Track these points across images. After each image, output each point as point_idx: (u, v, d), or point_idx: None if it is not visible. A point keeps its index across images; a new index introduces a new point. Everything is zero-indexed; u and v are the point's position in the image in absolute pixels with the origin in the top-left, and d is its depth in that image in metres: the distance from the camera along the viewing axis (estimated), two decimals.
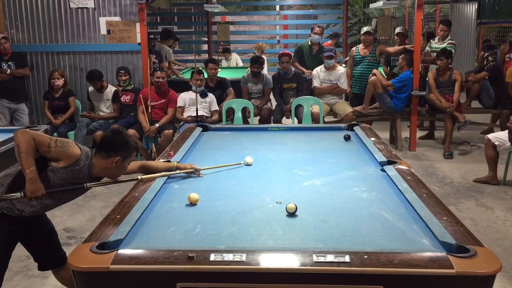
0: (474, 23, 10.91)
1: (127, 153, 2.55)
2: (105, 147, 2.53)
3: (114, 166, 2.53)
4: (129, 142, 2.56)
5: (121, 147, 2.53)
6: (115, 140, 2.54)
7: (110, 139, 2.55)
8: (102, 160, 2.52)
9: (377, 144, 3.61)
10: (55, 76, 6.07)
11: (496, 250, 3.28)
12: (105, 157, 2.52)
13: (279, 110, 6.61)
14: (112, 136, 2.57)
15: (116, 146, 2.52)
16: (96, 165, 2.52)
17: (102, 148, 2.54)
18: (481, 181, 5.34)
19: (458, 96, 6.52)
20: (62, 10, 6.57)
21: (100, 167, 2.53)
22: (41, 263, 2.83)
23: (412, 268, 1.79)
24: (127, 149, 2.55)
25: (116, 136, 2.56)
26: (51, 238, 2.80)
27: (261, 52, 9.25)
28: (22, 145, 2.36)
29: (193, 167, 3.01)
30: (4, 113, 6.33)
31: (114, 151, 2.51)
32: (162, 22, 12.53)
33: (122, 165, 2.55)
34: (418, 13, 6.51)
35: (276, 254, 1.89)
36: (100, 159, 2.53)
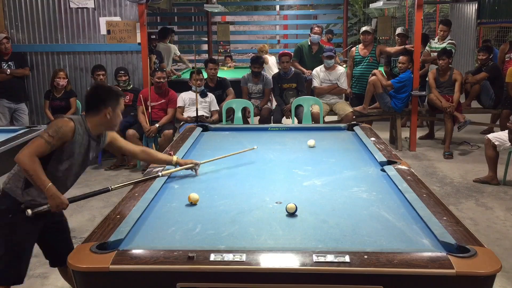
0: (474, 23, 10.91)
1: (115, 101, 2.62)
2: (93, 104, 2.60)
3: (109, 118, 2.60)
4: (112, 90, 2.66)
5: (107, 98, 2.60)
6: (98, 93, 2.62)
7: (93, 94, 2.63)
8: (94, 118, 2.59)
9: (377, 144, 3.61)
10: (60, 76, 6.08)
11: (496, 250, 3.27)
12: (97, 114, 2.59)
13: (279, 110, 6.61)
14: (94, 91, 2.66)
15: (102, 99, 2.59)
16: (91, 126, 2.59)
17: (90, 107, 2.61)
18: (481, 181, 5.34)
19: (458, 96, 6.52)
20: (62, 10, 6.57)
21: (96, 125, 2.60)
22: (53, 258, 2.85)
23: (412, 268, 1.79)
24: (113, 97, 2.62)
25: (98, 90, 2.65)
26: (65, 230, 2.85)
27: (265, 53, 9.25)
28: (28, 167, 2.38)
29: (193, 162, 3.04)
30: (4, 113, 6.33)
31: (103, 104, 2.57)
32: (162, 22, 12.52)
33: (115, 114, 2.62)
34: (418, 13, 6.51)
35: (276, 254, 1.89)
36: (92, 118, 2.60)
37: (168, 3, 11.64)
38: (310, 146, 3.70)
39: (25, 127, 4.69)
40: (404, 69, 6.55)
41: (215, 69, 6.58)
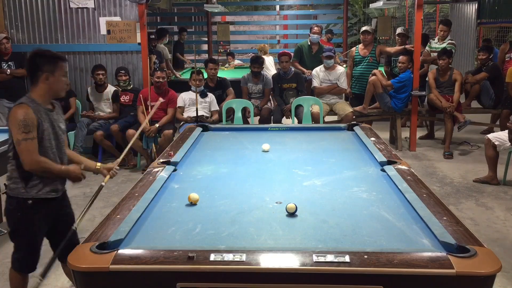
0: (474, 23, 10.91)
1: (51, 65, 2.56)
2: (31, 73, 2.57)
3: (48, 84, 2.56)
4: (46, 54, 2.57)
5: (41, 63, 2.54)
6: (32, 61, 2.56)
7: (29, 63, 2.58)
8: (36, 88, 2.57)
9: (377, 144, 3.61)
10: None
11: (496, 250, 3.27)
12: (36, 82, 2.56)
13: (279, 110, 6.61)
14: (29, 59, 2.59)
15: (37, 65, 2.54)
16: (37, 97, 2.56)
17: (30, 77, 2.59)
18: (481, 181, 5.34)
19: (458, 96, 6.52)
20: (62, 10, 6.57)
21: (40, 94, 2.57)
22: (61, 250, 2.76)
23: (412, 268, 1.79)
24: (48, 61, 2.56)
25: (32, 57, 2.57)
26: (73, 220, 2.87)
27: (264, 53, 9.26)
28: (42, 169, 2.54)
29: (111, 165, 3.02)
30: (4, 113, 6.33)
31: (39, 70, 2.54)
32: (162, 22, 12.53)
33: (55, 78, 2.57)
34: (418, 13, 6.51)
35: (276, 254, 1.89)
36: (35, 88, 2.57)
37: (168, 3, 11.65)
38: (264, 151, 3.53)
39: None
40: (404, 69, 6.55)
41: (215, 69, 6.58)
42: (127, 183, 5.39)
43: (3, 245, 3.97)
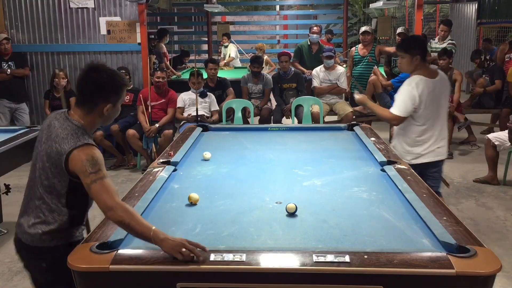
0: (474, 23, 10.91)
1: (117, 95, 2.11)
2: (89, 96, 2.07)
3: (107, 114, 2.12)
4: (116, 77, 2.10)
5: (108, 90, 2.07)
6: (98, 83, 2.05)
7: (92, 83, 2.05)
8: (88, 115, 2.09)
9: (377, 144, 3.61)
10: (61, 76, 6.08)
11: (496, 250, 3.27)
12: (92, 110, 2.09)
13: (279, 110, 6.61)
14: (92, 79, 2.05)
15: (102, 91, 2.06)
16: (89, 127, 2.11)
17: (85, 100, 2.08)
18: (481, 181, 5.34)
19: (458, 96, 6.52)
20: (62, 10, 6.57)
21: (89, 123, 2.11)
22: None
23: (412, 268, 1.79)
24: (116, 89, 2.10)
25: (97, 78, 2.05)
26: None
27: (262, 52, 9.27)
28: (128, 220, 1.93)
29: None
30: (5, 113, 6.33)
31: (102, 98, 2.07)
32: (162, 22, 12.54)
33: (115, 109, 2.14)
34: (418, 13, 6.52)
35: (276, 254, 1.89)
36: (85, 114, 2.09)
37: (168, 3, 11.64)
38: (206, 159, 3.34)
39: (25, 127, 4.69)
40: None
41: (215, 69, 6.58)
42: (127, 183, 5.40)
43: (3, 245, 3.97)
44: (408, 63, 3.56)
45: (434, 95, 3.53)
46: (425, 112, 3.52)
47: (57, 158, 2.03)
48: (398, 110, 3.53)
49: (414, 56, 3.52)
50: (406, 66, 3.59)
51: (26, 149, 4.27)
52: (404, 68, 3.65)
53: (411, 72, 3.60)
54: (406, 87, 3.53)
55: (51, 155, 2.05)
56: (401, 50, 3.61)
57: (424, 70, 3.57)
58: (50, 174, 2.07)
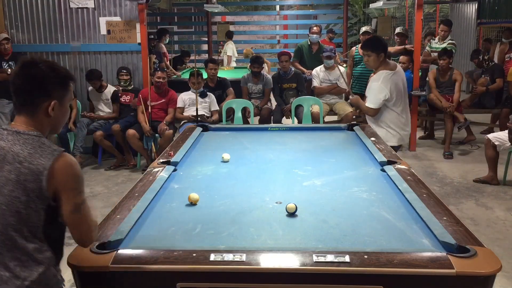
0: (474, 23, 10.91)
1: (63, 89, 1.78)
2: (28, 95, 1.73)
3: (55, 116, 1.77)
4: (58, 69, 1.77)
5: (51, 82, 1.74)
6: (36, 76, 1.71)
7: (28, 78, 1.71)
8: (34, 119, 1.74)
9: (377, 144, 3.61)
10: None
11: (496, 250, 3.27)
12: (34, 112, 1.74)
13: (279, 110, 6.61)
14: (28, 72, 1.72)
15: (42, 85, 1.72)
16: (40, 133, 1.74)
17: (25, 101, 1.74)
18: (481, 181, 5.34)
19: (458, 96, 6.53)
20: (62, 10, 6.57)
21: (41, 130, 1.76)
22: None
23: (412, 268, 1.79)
24: (60, 81, 1.77)
25: (38, 69, 1.72)
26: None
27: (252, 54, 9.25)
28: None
29: None
30: (5, 113, 6.33)
31: (43, 94, 1.73)
32: (162, 22, 12.54)
33: (63, 109, 1.81)
34: (418, 13, 6.51)
35: (276, 254, 1.89)
36: (28, 118, 1.74)
37: (168, 3, 11.65)
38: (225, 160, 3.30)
39: None
40: (404, 69, 6.55)
41: (215, 69, 6.58)
42: (127, 183, 5.40)
43: None
44: (375, 60, 4.11)
45: (398, 84, 4.14)
46: (396, 99, 4.13)
47: (32, 180, 1.65)
48: (371, 103, 4.15)
49: (379, 54, 4.09)
50: (373, 63, 4.14)
51: None
52: (371, 65, 4.17)
53: (376, 68, 4.14)
54: (375, 82, 4.11)
55: (20, 180, 1.65)
56: (368, 49, 4.13)
57: (386, 65, 4.16)
58: (20, 206, 1.66)
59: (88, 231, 1.77)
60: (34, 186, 1.66)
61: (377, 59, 4.11)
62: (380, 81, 4.08)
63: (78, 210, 1.71)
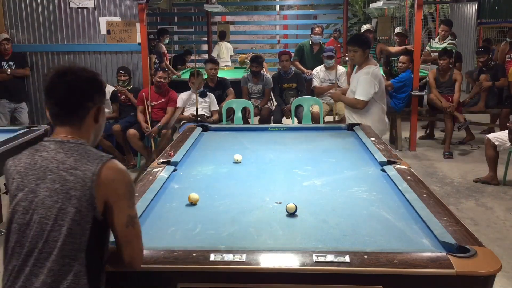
0: (474, 23, 10.91)
1: (103, 94, 1.76)
2: (73, 106, 1.65)
3: (100, 123, 1.75)
4: (96, 75, 1.73)
5: (95, 89, 1.70)
6: (80, 84, 1.65)
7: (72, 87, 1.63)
8: (83, 128, 1.68)
9: (377, 144, 3.61)
10: None
11: (496, 250, 3.27)
12: (82, 120, 1.67)
13: (279, 110, 6.61)
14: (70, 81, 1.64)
15: (87, 93, 1.67)
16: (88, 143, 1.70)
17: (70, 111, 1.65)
18: (481, 181, 5.34)
19: (458, 96, 6.53)
20: (62, 10, 6.57)
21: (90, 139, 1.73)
22: None
23: (412, 268, 1.79)
24: (101, 87, 1.74)
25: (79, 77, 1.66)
26: None
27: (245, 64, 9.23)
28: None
29: None
30: (5, 113, 6.33)
31: (90, 101, 1.68)
32: (162, 22, 12.54)
33: (104, 114, 1.78)
34: (418, 13, 6.51)
35: (276, 254, 1.89)
36: (78, 131, 1.67)
37: (168, 3, 11.66)
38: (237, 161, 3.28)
39: (25, 127, 4.69)
40: (404, 69, 6.56)
41: (215, 69, 6.58)
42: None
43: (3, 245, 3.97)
44: (361, 56, 4.31)
45: (381, 79, 4.42)
46: (382, 93, 4.41)
47: (79, 188, 1.53)
48: (362, 96, 4.30)
49: (365, 50, 4.31)
50: (359, 58, 4.33)
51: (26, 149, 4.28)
52: (357, 60, 4.36)
53: (361, 63, 4.35)
54: (365, 76, 4.28)
55: (64, 189, 1.54)
56: (355, 45, 4.31)
57: (370, 61, 4.40)
58: (64, 219, 1.52)
59: (140, 249, 1.62)
60: (80, 194, 1.52)
61: (363, 54, 4.31)
62: (370, 75, 4.26)
63: (132, 224, 1.58)
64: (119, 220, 1.56)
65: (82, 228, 1.53)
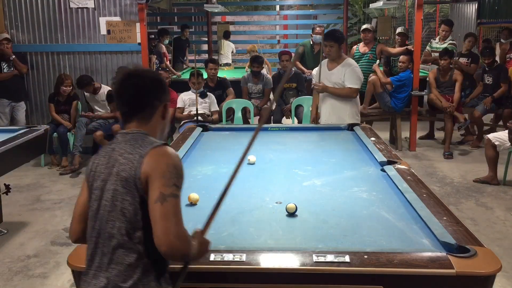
0: (474, 23, 10.90)
1: (167, 93, 1.81)
2: (142, 105, 1.73)
3: (165, 121, 1.82)
4: (159, 75, 1.82)
5: (160, 88, 1.77)
6: (147, 84, 1.73)
7: (141, 87, 1.72)
8: (150, 125, 1.75)
9: (377, 144, 3.61)
10: (67, 85, 6.09)
11: (496, 250, 3.27)
12: (149, 117, 1.75)
13: (279, 110, 6.61)
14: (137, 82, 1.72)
15: (153, 92, 1.75)
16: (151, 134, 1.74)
17: (138, 110, 1.73)
18: (481, 181, 5.34)
19: (458, 96, 6.52)
20: (62, 10, 6.56)
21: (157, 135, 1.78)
22: None
23: (412, 268, 1.79)
24: (165, 86, 1.81)
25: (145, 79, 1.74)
26: None
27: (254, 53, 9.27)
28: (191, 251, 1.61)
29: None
30: (5, 113, 6.33)
31: (157, 99, 1.75)
32: (162, 22, 12.53)
33: (169, 111, 1.85)
34: (418, 13, 6.51)
35: (276, 254, 1.89)
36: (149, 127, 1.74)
37: (168, 3, 11.65)
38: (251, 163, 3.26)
39: (25, 127, 4.69)
40: (404, 68, 6.56)
41: (215, 69, 6.58)
42: None
43: (3, 245, 3.97)
44: (337, 51, 4.53)
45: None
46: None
47: (127, 169, 1.61)
48: (357, 84, 4.53)
49: (341, 45, 4.57)
50: (336, 53, 4.54)
51: (26, 149, 4.28)
52: (334, 55, 4.54)
53: (337, 57, 4.55)
54: (354, 67, 4.54)
55: (118, 171, 1.62)
56: (331, 40, 4.51)
57: (344, 54, 4.68)
58: (118, 198, 1.61)
59: (168, 232, 1.52)
60: (127, 175, 1.60)
61: (339, 49, 4.55)
62: (355, 66, 4.58)
63: (162, 200, 1.55)
64: (151, 195, 1.57)
65: (134, 208, 1.60)
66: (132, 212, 1.60)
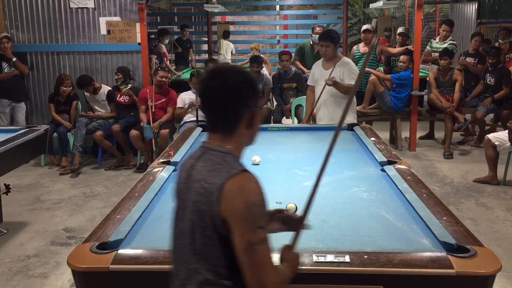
0: (474, 23, 10.90)
1: (257, 95, 1.56)
2: (227, 111, 1.50)
3: (254, 128, 1.56)
4: (250, 75, 1.55)
5: (248, 91, 1.51)
6: (233, 86, 1.48)
7: (224, 92, 1.48)
8: (233, 136, 1.53)
9: (377, 144, 3.61)
10: (67, 85, 6.10)
11: (496, 250, 3.27)
12: (236, 126, 1.51)
13: (279, 110, 6.61)
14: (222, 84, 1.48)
15: (240, 96, 1.49)
16: (237, 152, 1.54)
17: (224, 116, 1.50)
18: (481, 181, 5.34)
19: (458, 96, 6.52)
20: (62, 10, 6.56)
21: (240, 147, 1.56)
22: None
23: (412, 268, 1.79)
24: (255, 88, 1.55)
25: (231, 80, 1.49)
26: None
27: (258, 51, 9.28)
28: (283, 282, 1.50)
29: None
30: (5, 113, 6.33)
31: (242, 104, 1.49)
32: (162, 22, 12.54)
33: (258, 117, 1.57)
34: (418, 13, 6.51)
35: (275, 254, 1.89)
36: (230, 137, 1.53)
37: (168, 3, 11.66)
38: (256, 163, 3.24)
39: (25, 127, 4.69)
40: (404, 68, 6.56)
41: None
42: (127, 183, 5.40)
43: (3, 245, 3.97)
44: (333, 50, 4.61)
45: None
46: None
47: (205, 202, 1.43)
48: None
49: (336, 45, 4.66)
50: (332, 52, 4.60)
51: (26, 149, 4.28)
52: (330, 54, 4.60)
53: (332, 57, 4.60)
54: (351, 65, 4.65)
55: (195, 201, 1.46)
56: (327, 40, 4.57)
57: (339, 54, 4.75)
58: (197, 232, 1.46)
59: (261, 282, 1.39)
60: (206, 209, 1.43)
61: (335, 49, 4.63)
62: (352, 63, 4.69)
63: (250, 251, 1.38)
64: (237, 243, 1.40)
65: (212, 242, 1.44)
66: (212, 249, 1.45)
